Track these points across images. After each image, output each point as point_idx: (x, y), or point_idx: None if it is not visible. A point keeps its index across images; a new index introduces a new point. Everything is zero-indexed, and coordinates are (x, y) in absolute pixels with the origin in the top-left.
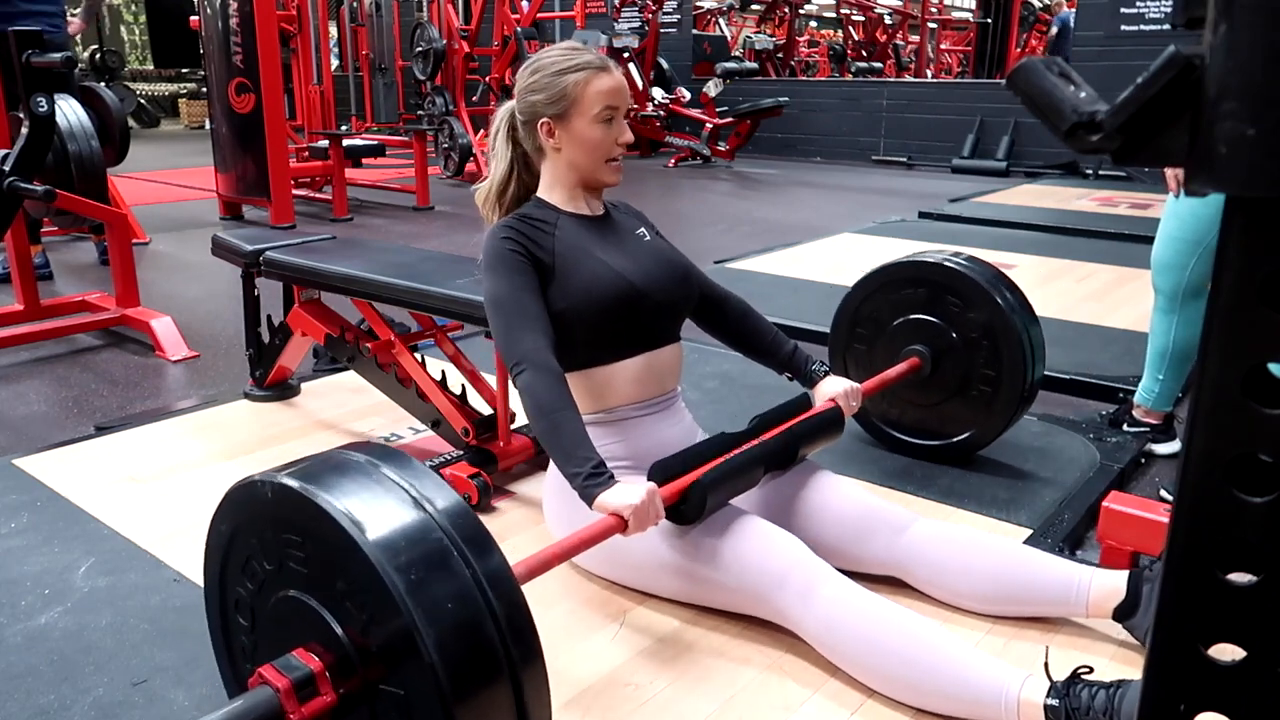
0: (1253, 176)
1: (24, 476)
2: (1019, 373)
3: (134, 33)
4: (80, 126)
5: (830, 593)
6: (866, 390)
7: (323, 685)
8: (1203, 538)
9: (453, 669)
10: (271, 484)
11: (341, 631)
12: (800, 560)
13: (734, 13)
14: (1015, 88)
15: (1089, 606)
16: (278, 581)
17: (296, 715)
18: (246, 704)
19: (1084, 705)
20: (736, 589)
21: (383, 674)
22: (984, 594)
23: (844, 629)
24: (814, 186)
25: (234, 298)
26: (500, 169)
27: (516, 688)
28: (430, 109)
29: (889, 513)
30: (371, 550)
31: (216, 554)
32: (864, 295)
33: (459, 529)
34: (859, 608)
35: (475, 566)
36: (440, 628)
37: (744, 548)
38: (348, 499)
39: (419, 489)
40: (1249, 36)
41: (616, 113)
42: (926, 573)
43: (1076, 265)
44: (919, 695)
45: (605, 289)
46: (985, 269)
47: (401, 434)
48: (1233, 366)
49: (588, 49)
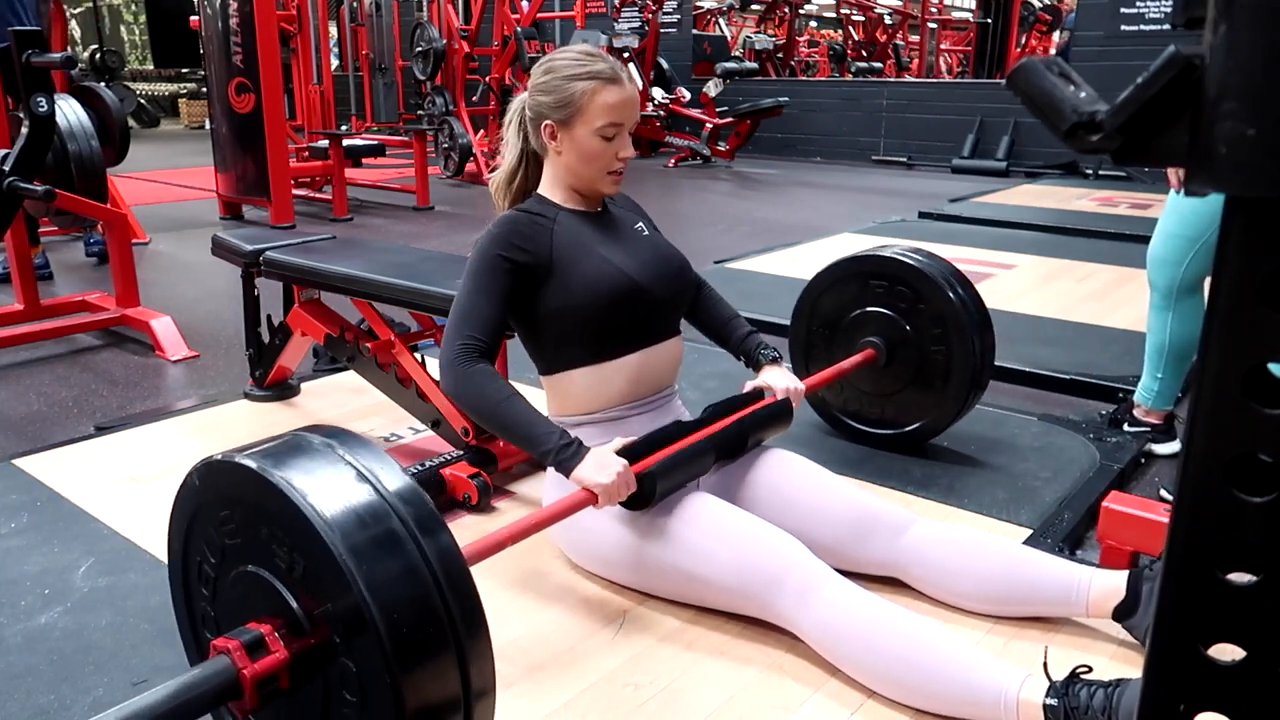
0: (1253, 176)
1: (24, 476)
2: (969, 363)
3: (134, 33)
4: (80, 126)
5: (828, 594)
6: (822, 380)
7: (276, 654)
8: (1203, 538)
9: (399, 642)
10: (231, 464)
11: (296, 605)
12: (798, 561)
13: (734, 13)
14: (1015, 88)
15: (1089, 606)
16: (237, 556)
17: (252, 684)
18: (204, 673)
19: (1083, 704)
20: (735, 590)
21: (334, 647)
22: (984, 594)
23: (842, 631)
24: (814, 186)
25: (234, 298)
26: (510, 159)
27: (462, 660)
28: (430, 109)
29: (888, 514)
30: (324, 528)
31: (180, 529)
32: (822, 288)
33: (409, 509)
34: (857, 609)
35: (423, 545)
36: (387, 603)
37: (742, 549)
38: (303, 479)
39: (372, 471)
40: (1249, 36)
41: (621, 129)
42: (926, 573)
43: (1076, 265)
44: (919, 696)
45: (605, 285)
46: (940, 264)
47: (401, 434)
48: (1233, 366)
49: (604, 56)
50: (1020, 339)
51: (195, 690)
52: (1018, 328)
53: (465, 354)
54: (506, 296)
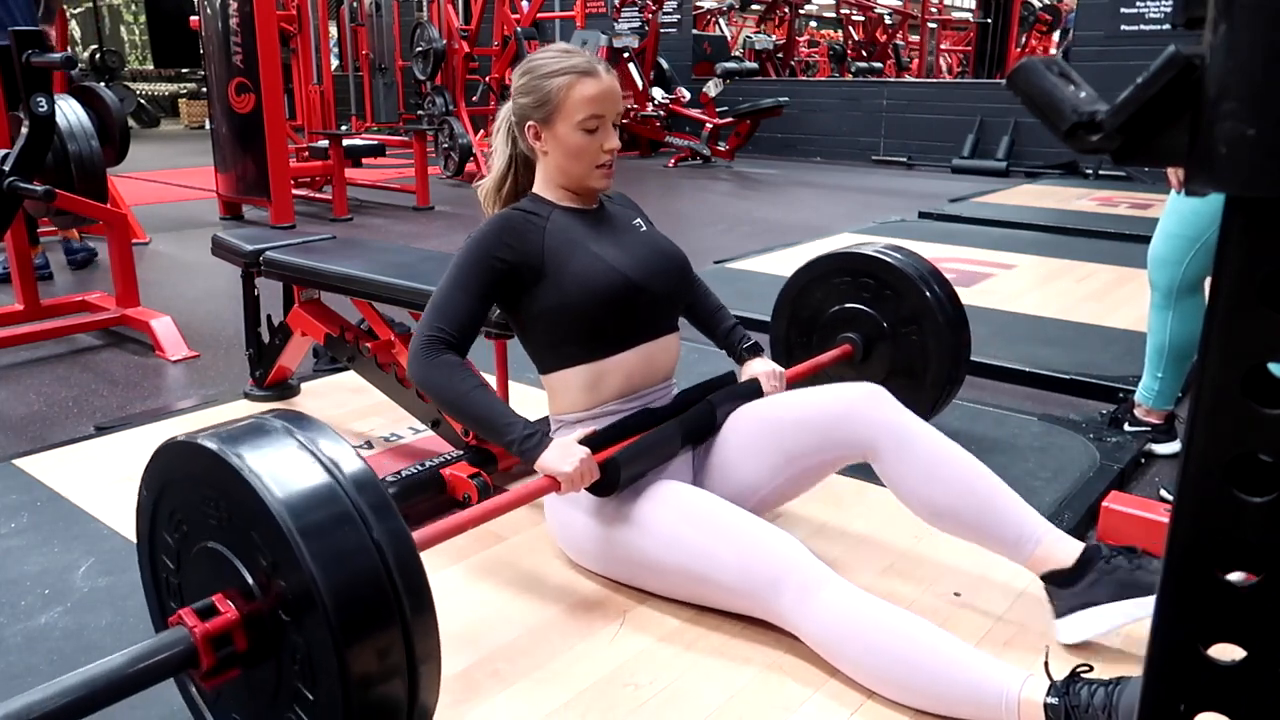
0: (1253, 177)
1: (24, 476)
2: (944, 359)
3: (134, 33)
4: (80, 126)
5: (828, 596)
6: (798, 373)
7: (235, 630)
8: (1203, 538)
9: (345, 619)
10: (193, 444)
11: (252, 581)
12: (798, 563)
13: (734, 13)
14: (1015, 88)
15: (1030, 559)
16: (199, 532)
17: (203, 641)
18: (163, 640)
19: (1084, 703)
20: (736, 590)
21: (285, 623)
22: (938, 506)
23: (842, 632)
24: (814, 186)
25: (234, 298)
26: (498, 166)
27: (407, 639)
28: (430, 109)
29: (864, 396)
30: (277, 509)
31: (148, 505)
32: (802, 284)
33: (362, 493)
34: (858, 611)
35: (374, 528)
36: (336, 582)
37: (744, 549)
38: (260, 461)
39: (328, 455)
40: (1249, 36)
41: (603, 120)
42: (893, 461)
43: (1076, 265)
44: (921, 698)
45: (600, 283)
46: (917, 261)
47: (401, 434)
48: (1233, 366)
49: (580, 52)
50: (1020, 339)
51: (152, 657)
52: (1018, 328)
53: (431, 345)
54: (486, 295)
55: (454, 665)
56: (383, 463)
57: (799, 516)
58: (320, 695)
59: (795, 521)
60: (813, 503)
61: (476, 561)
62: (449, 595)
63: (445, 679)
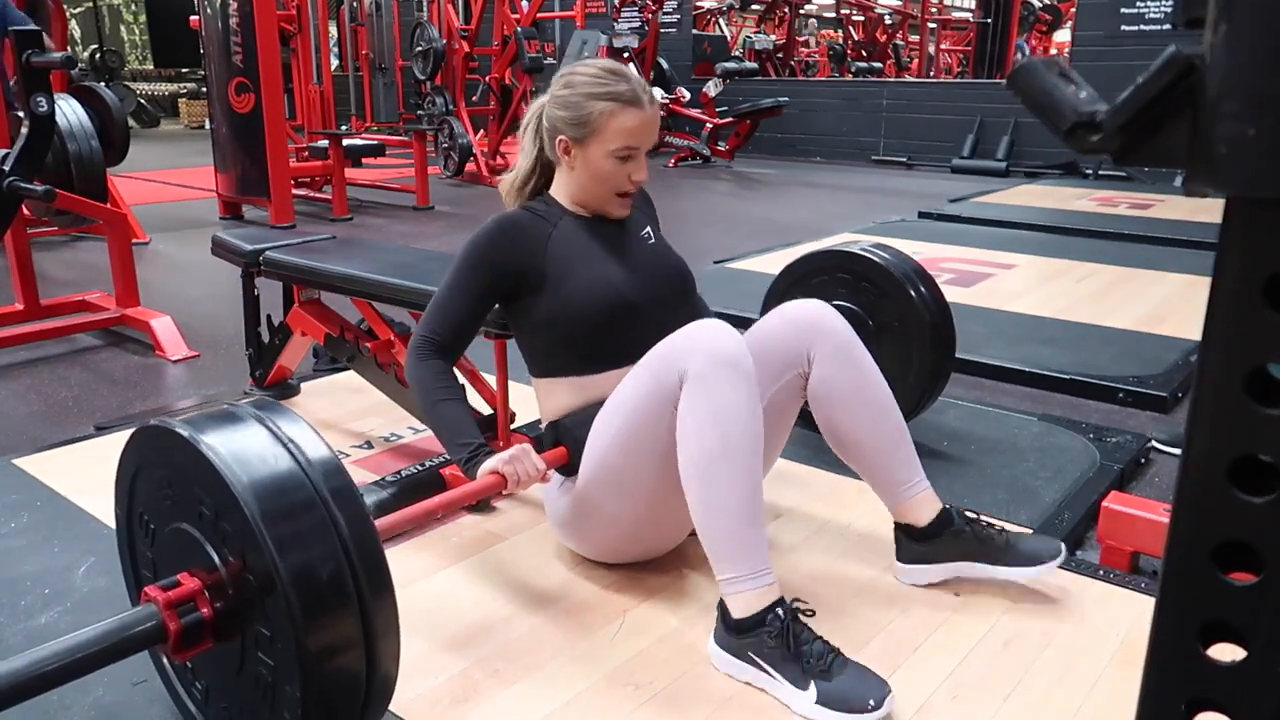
0: (1254, 177)
1: (24, 476)
2: (928, 358)
3: (134, 33)
4: (80, 126)
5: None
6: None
7: (200, 603)
8: (1203, 538)
9: (305, 602)
10: (166, 429)
11: (218, 559)
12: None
13: (734, 13)
14: (1015, 88)
15: (896, 508)
16: (172, 514)
17: (166, 608)
18: (134, 614)
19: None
20: (654, 396)
21: (248, 604)
22: (844, 434)
23: (700, 423)
24: (814, 186)
25: (234, 298)
26: (523, 166)
27: (366, 621)
28: (430, 109)
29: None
30: (241, 493)
31: (125, 487)
32: (789, 282)
33: (327, 481)
34: (732, 412)
35: (337, 514)
36: (296, 566)
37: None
38: (228, 446)
39: (297, 443)
40: (1249, 36)
41: (637, 151)
42: (826, 368)
43: (1076, 265)
44: (701, 510)
45: (598, 303)
46: (903, 261)
47: (401, 434)
48: (1233, 366)
49: (627, 73)
50: (1020, 339)
51: (123, 632)
52: (1018, 328)
53: (419, 347)
54: (483, 296)
55: (454, 665)
56: (383, 463)
57: (799, 516)
58: (281, 666)
59: (795, 521)
60: (813, 503)
61: (476, 561)
62: (449, 595)
63: (445, 679)
